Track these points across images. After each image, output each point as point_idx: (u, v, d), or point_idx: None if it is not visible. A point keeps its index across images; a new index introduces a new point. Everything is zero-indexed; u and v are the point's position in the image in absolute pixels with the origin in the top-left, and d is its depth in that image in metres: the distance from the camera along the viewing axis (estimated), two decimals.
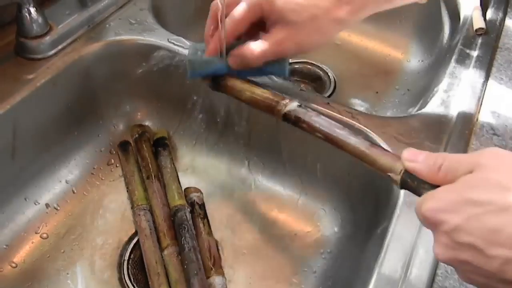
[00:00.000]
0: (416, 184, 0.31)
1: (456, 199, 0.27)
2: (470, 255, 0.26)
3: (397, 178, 0.32)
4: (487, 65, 0.57)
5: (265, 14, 0.43)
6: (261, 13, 0.43)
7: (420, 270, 0.38)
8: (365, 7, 0.43)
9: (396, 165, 0.33)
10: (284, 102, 0.42)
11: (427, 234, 0.40)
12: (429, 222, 0.28)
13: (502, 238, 0.25)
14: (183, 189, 0.57)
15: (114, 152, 0.61)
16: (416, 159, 0.31)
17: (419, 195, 0.31)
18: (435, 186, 0.30)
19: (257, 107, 0.44)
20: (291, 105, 0.41)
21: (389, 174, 0.33)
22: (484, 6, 0.65)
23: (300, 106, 0.42)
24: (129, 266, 0.51)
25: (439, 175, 0.29)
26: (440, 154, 0.30)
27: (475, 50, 0.59)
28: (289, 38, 0.42)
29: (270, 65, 0.45)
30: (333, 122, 0.39)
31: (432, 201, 0.28)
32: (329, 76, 0.76)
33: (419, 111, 0.51)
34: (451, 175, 0.28)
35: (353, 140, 0.37)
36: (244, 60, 0.43)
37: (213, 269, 0.49)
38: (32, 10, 0.50)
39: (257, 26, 0.44)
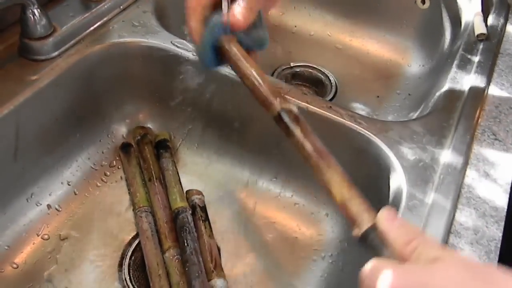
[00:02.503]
0: (376, 244, 0.31)
1: (417, 280, 0.27)
2: None
3: (362, 229, 0.32)
4: (488, 71, 0.57)
5: None
6: None
7: None
8: None
9: (365, 216, 0.32)
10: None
11: None
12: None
13: None
14: (184, 191, 0.57)
15: (116, 154, 0.61)
16: (392, 223, 0.31)
17: (375, 255, 0.30)
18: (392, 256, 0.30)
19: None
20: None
21: (356, 221, 0.32)
22: (485, 12, 0.66)
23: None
24: (130, 268, 0.51)
25: (406, 249, 0.29)
26: (414, 229, 0.30)
27: (476, 56, 0.59)
28: None
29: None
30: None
31: (397, 273, 0.27)
32: (330, 80, 0.76)
33: (421, 116, 0.52)
34: (416, 255, 0.29)
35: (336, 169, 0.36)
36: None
37: (215, 272, 0.49)
38: (36, 11, 0.50)
39: None
